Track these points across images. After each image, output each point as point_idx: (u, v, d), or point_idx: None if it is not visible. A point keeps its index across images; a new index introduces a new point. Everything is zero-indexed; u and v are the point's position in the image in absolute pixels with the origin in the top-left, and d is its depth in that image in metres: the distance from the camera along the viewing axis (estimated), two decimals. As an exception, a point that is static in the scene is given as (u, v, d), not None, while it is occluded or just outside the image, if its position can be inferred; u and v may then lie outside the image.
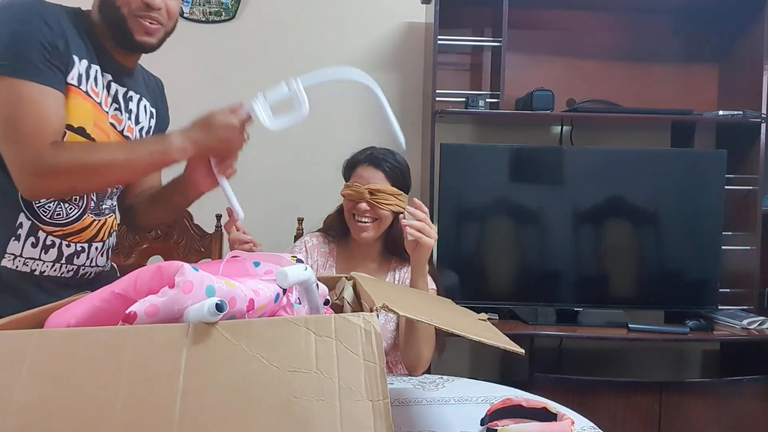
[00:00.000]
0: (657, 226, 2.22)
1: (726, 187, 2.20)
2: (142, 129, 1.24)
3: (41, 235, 1.12)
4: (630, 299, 2.24)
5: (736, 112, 2.24)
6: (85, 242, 1.18)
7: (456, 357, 2.54)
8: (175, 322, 0.66)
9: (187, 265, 0.69)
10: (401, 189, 1.54)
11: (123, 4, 1.08)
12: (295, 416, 0.59)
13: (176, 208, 1.33)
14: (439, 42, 2.21)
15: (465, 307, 1.13)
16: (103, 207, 1.21)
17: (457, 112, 2.27)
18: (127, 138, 1.19)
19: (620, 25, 2.50)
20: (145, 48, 1.15)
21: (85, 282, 1.20)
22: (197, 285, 0.67)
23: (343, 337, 0.64)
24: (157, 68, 2.41)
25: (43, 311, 0.78)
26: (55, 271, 1.15)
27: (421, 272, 1.37)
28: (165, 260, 0.82)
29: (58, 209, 1.12)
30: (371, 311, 0.68)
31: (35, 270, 1.12)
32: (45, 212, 1.11)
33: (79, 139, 1.09)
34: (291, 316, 0.82)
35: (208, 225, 2.08)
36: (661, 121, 2.43)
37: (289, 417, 0.59)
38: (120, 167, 1.07)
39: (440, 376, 1.35)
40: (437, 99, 2.23)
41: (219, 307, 0.63)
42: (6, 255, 1.10)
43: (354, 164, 1.57)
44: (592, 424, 1.07)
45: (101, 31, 1.14)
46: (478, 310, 1.08)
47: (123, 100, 1.18)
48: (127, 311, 0.66)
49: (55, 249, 1.14)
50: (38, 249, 1.12)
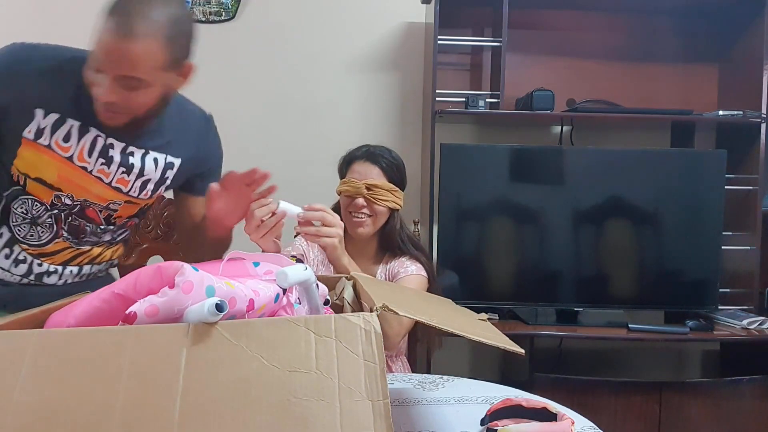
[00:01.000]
0: (657, 226, 2.22)
1: (726, 187, 2.20)
2: (148, 181, 1.22)
3: (16, 248, 1.16)
4: (630, 299, 2.24)
5: (736, 112, 2.24)
6: (59, 264, 1.20)
7: (456, 357, 2.54)
8: (175, 323, 0.66)
9: (187, 265, 0.69)
10: (397, 185, 1.55)
11: (91, 85, 1.05)
12: (295, 416, 0.59)
13: (210, 245, 1.29)
14: (439, 42, 2.20)
15: (465, 307, 1.13)
16: (84, 239, 1.21)
17: (457, 112, 2.27)
18: (117, 189, 1.18)
19: (620, 25, 2.50)
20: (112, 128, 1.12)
21: None
22: (197, 285, 0.67)
23: (343, 337, 0.64)
24: (157, 68, 2.42)
25: (43, 311, 0.78)
26: (21, 285, 1.18)
27: (340, 268, 1.34)
28: (165, 260, 0.82)
29: (31, 231, 1.16)
30: (371, 311, 0.68)
31: (2, 279, 1.17)
32: (19, 232, 1.15)
33: (40, 187, 1.13)
34: (291, 316, 0.82)
35: (208, 225, 2.08)
36: (661, 121, 2.43)
37: (289, 417, 0.59)
38: None
39: (440, 376, 1.35)
40: (437, 99, 2.23)
41: (219, 307, 0.63)
42: None
43: (350, 160, 1.58)
44: (592, 424, 1.06)
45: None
46: (478, 310, 1.08)
47: (120, 154, 1.16)
48: (127, 311, 0.66)
49: (26, 265, 1.17)
50: (9, 261, 1.16)
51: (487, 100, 2.34)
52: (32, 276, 1.18)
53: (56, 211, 1.16)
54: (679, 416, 2.03)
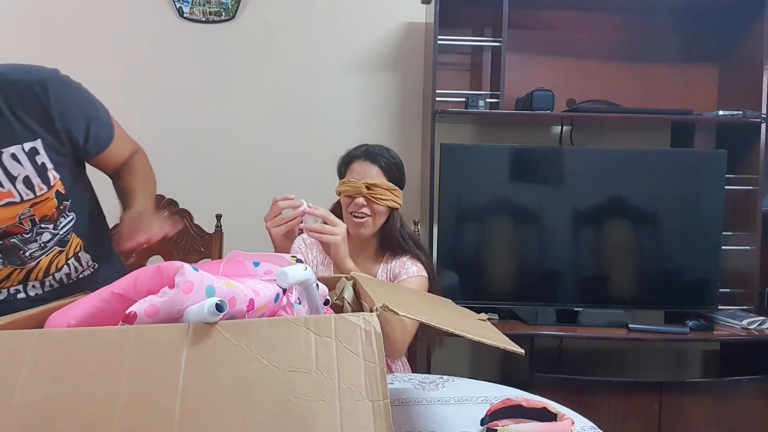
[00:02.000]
0: (657, 226, 2.22)
1: (726, 187, 2.20)
2: (27, 178, 1.10)
3: None
4: (630, 299, 2.24)
5: (736, 112, 2.24)
6: (17, 285, 1.16)
7: (456, 357, 2.54)
8: (175, 322, 0.66)
9: (187, 265, 0.69)
10: (396, 184, 1.55)
11: None
12: (295, 416, 0.59)
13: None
14: (439, 42, 2.20)
15: (465, 307, 1.13)
16: (24, 254, 1.14)
17: (457, 112, 2.28)
18: (10, 204, 1.08)
19: (620, 25, 2.50)
20: None
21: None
22: (197, 285, 0.67)
23: (343, 337, 0.64)
24: (157, 68, 2.43)
25: (43, 311, 0.78)
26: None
27: (343, 269, 1.40)
28: (165, 260, 0.82)
29: None
30: (371, 311, 0.68)
31: None
32: None
33: None
34: (291, 316, 0.82)
35: (208, 225, 2.08)
36: (661, 121, 2.44)
37: (289, 417, 0.59)
38: None
39: (440, 376, 1.34)
40: (437, 99, 2.23)
41: (219, 307, 0.63)
42: None
43: (349, 160, 1.58)
44: (592, 424, 1.06)
45: None
46: (478, 310, 1.08)
47: None
48: (127, 311, 0.66)
49: None
50: None
51: (487, 100, 2.34)
52: None
53: None
54: (679, 416, 2.03)
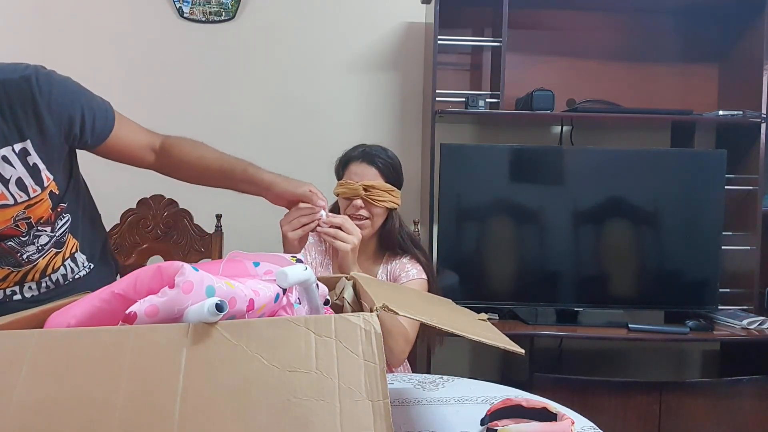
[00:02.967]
0: (657, 226, 2.22)
1: (726, 187, 2.20)
2: (20, 179, 1.07)
3: None
4: (630, 299, 2.24)
5: (736, 112, 2.24)
6: (14, 286, 1.17)
7: (456, 357, 2.54)
8: (175, 322, 0.66)
9: (187, 265, 0.69)
10: (394, 185, 1.55)
11: None
12: (295, 416, 0.59)
13: (229, 188, 1.30)
14: (439, 42, 2.20)
15: (465, 307, 1.13)
16: (21, 256, 1.14)
17: (457, 112, 2.28)
18: (3, 206, 1.07)
19: (620, 25, 2.50)
20: None
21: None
22: (197, 285, 0.67)
23: (343, 337, 0.64)
24: (157, 68, 2.43)
25: (43, 311, 0.78)
26: None
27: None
28: (165, 260, 0.82)
29: None
30: (371, 311, 0.68)
31: None
32: None
33: None
34: (291, 316, 0.82)
35: (208, 225, 2.08)
36: (661, 121, 2.43)
37: (289, 417, 0.59)
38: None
39: (440, 376, 1.34)
40: (437, 99, 2.23)
41: (219, 307, 0.63)
42: None
43: (347, 162, 1.58)
44: (592, 424, 1.06)
45: None
46: (478, 310, 1.08)
47: None
48: (127, 311, 0.66)
49: None
50: None
51: (487, 100, 2.34)
52: None
53: None
54: (679, 416, 2.03)
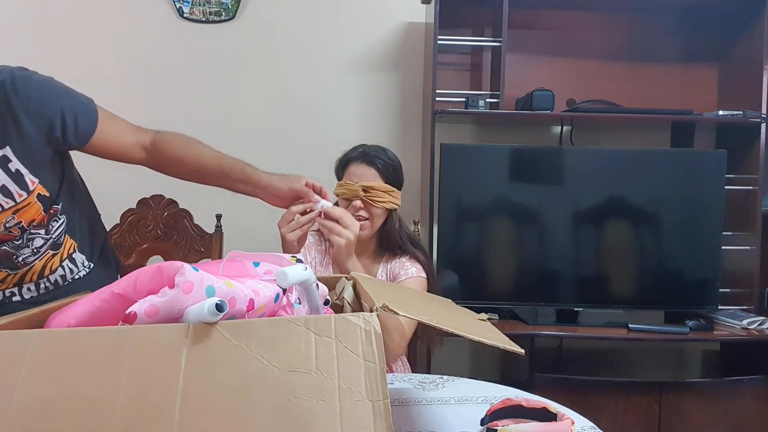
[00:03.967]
0: (657, 226, 2.22)
1: (726, 187, 2.20)
2: (4, 187, 1.05)
3: None
4: (630, 299, 2.24)
5: (736, 112, 2.24)
6: (9, 289, 1.16)
7: (456, 357, 2.54)
8: (175, 322, 0.66)
9: (187, 265, 0.69)
10: (394, 185, 1.55)
11: None
12: (295, 416, 0.59)
13: (225, 187, 1.28)
14: (439, 42, 2.20)
15: (465, 307, 1.13)
16: (17, 259, 1.14)
17: (457, 112, 2.28)
18: None
19: (620, 25, 2.50)
20: None
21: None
22: (197, 285, 0.67)
23: (343, 337, 0.64)
24: (157, 68, 2.43)
25: (43, 311, 0.78)
26: None
27: (342, 269, 1.36)
28: (165, 260, 0.82)
29: None
30: (371, 311, 0.68)
31: None
32: None
33: None
34: (291, 316, 0.82)
35: (208, 225, 2.08)
36: (661, 121, 2.44)
37: (289, 417, 0.59)
38: None
39: (440, 376, 1.35)
40: (437, 99, 2.23)
41: (219, 307, 0.63)
42: None
43: (346, 162, 1.58)
44: (592, 424, 1.06)
45: None
46: (478, 310, 1.08)
47: None
48: (127, 311, 0.66)
49: None
50: None
51: (487, 100, 2.34)
52: None
53: None
54: (679, 416, 2.03)
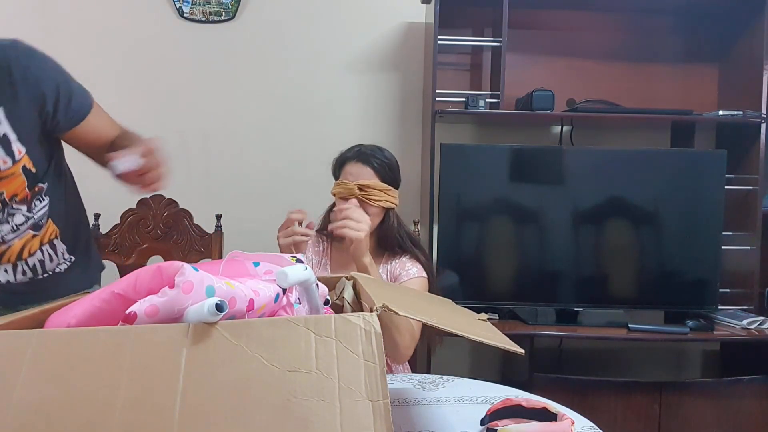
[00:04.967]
0: (657, 226, 2.22)
1: (726, 187, 2.20)
2: None
3: None
4: (630, 299, 2.24)
5: (736, 112, 2.24)
6: None
7: (456, 357, 2.54)
8: (175, 322, 0.66)
9: (187, 265, 0.69)
10: (391, 184, 1.55)
11: None
12: (295, 416, 0.59)
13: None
14: (439, 42, 2.20)
15: (465, 307, 1.13)
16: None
17: (457, 112, 2.28)
18: None
19: (620, 25, 2.50)
20: None
21: None
22: (197, 285, 0.67)
23: (343, 337, 0.64)
24: (157, 68, 2.43)
25: (43, 311, 0.78)
26: None
27: (360, 266, 1.40)
28: (165, 260, 0.82)
29: None
30: (371, 311, 0.68)
31: None
32: None
33: None
34: (291, 316, 0.82)
35: (208, 225, 2.08)
36: (661, 121, 2.43)
37: (289, 417, 0.59)
38: None
39: (440, 376, 1.35)
40: (437, 99, 2.23)
41: (219, 307, 0.63)
42: None
43: (343, 162, 1.58)
44: (592, 424, 1.06)
45: None
46: (478, 310, 1.08)
47: None
48: (127, 311, 0.66)
49: None
50: None
51: (487, 100, 2.34)
52: None
53: None
54: (679, 416, 2.03)
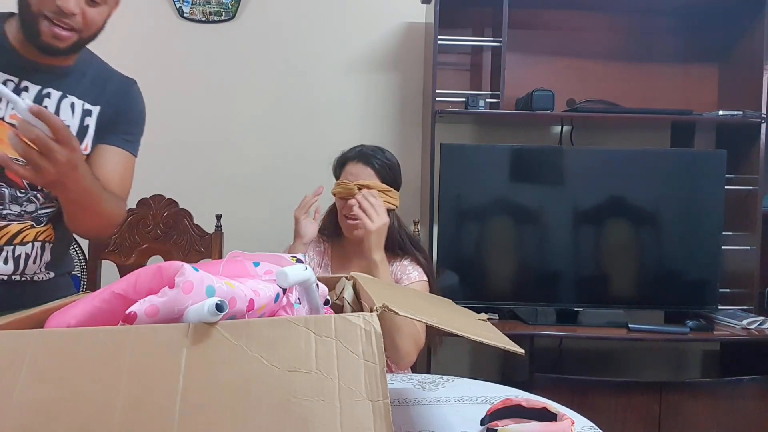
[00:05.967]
0: (657, 226, 2.22)
1: (726, 187, 2.20)
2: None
3: None
4: (630, 299, 2.24)
5: (736, 112, 2.24)
6: None
7: (456, 357, 2.54)
8: (175, 322, 0.66)
9: (187, 265, 0.69)
10: (391, 185, 1.55)
11: (35, 3, 1.04)
12: (295, 416, 0.59)
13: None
14: (439, 42, 2.20)
15: (465, 307, 1.13)
16: (1, 213, 1.13)
17: (457, 112, 2.28)
18: (11, 125, 1.06)
19: (620, 25, 2.50)
20: (52, 51, 1.09)
21: None
22: (197, 285, 0.67)
23: (343, 337, 0.64)
24: (157, 68, 2.43)
25: (43, 311, 0.78)
26: None
27: (371, 263, 1.42)
28: (165, 260, 0.82)
29: None
30: (371, 311, 0.68)
31: None
32: None
33: None
34: (291, 316, 0.82)
35: (208, 225, 2.08)
36: (661, 121, 2.43)
37: (289, 417, 0.59)
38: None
39: (440, 376, 1.34)
40: (437, 99, 2.23)
41: (219, 307, 0.63)
42: None
43: (344, 162, 1.58)
44: (592, 424, 1.06)
45: (9, 29, 1.11)
46: (478, 310, 1.08)
47: (35, 97, 1.11)
48: (127, 311, 0.66)
49: None
50: None
51: (487, 100, 2.34)
52: None
53: None
54: (679, 416, 2.03)
